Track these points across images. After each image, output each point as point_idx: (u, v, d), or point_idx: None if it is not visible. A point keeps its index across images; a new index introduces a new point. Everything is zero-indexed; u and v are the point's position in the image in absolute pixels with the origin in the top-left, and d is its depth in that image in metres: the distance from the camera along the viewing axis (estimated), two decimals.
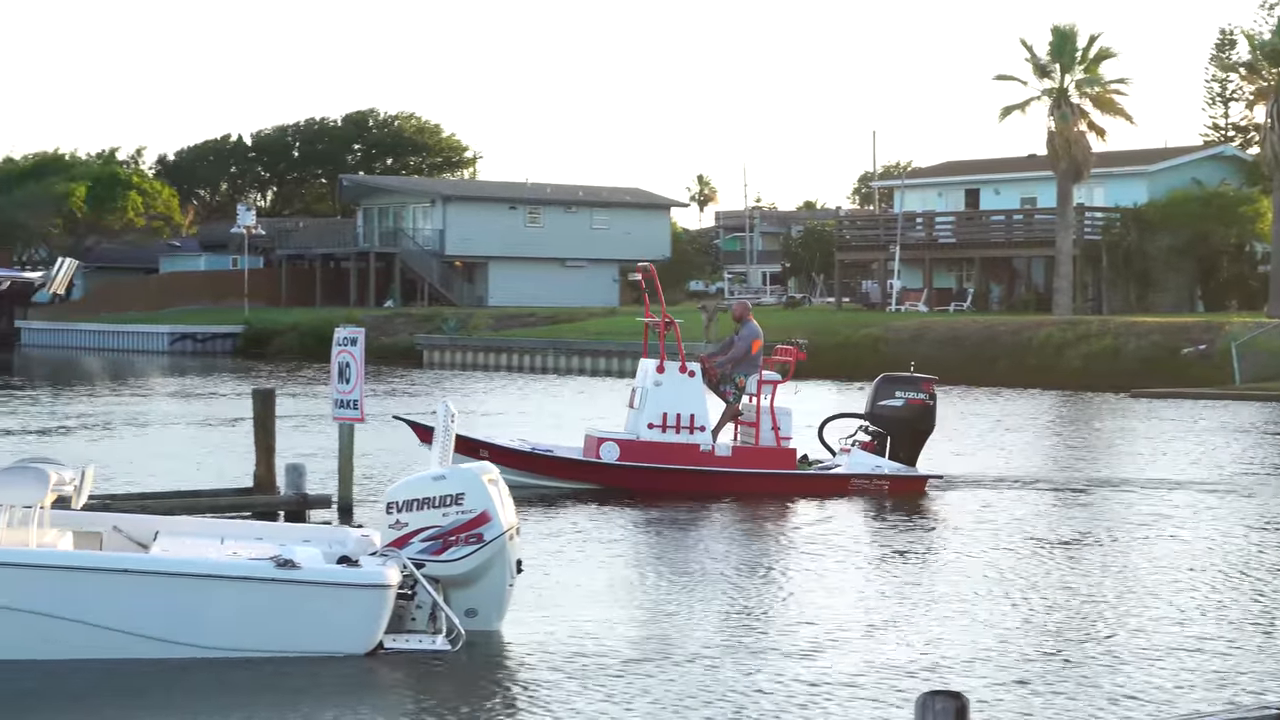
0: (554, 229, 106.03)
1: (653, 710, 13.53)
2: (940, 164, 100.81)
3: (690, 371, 27.44)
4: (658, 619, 17.32)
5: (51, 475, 15.72)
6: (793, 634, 16.50)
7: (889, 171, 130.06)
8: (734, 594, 18.84)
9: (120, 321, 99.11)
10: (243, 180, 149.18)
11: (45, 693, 13.89)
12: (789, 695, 14.01)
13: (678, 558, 21.55)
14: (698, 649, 15.77)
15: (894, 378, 28.95)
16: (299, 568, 15.02)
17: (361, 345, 24.42)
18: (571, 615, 17.31)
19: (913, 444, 28.14)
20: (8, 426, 40.00)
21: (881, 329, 66.10)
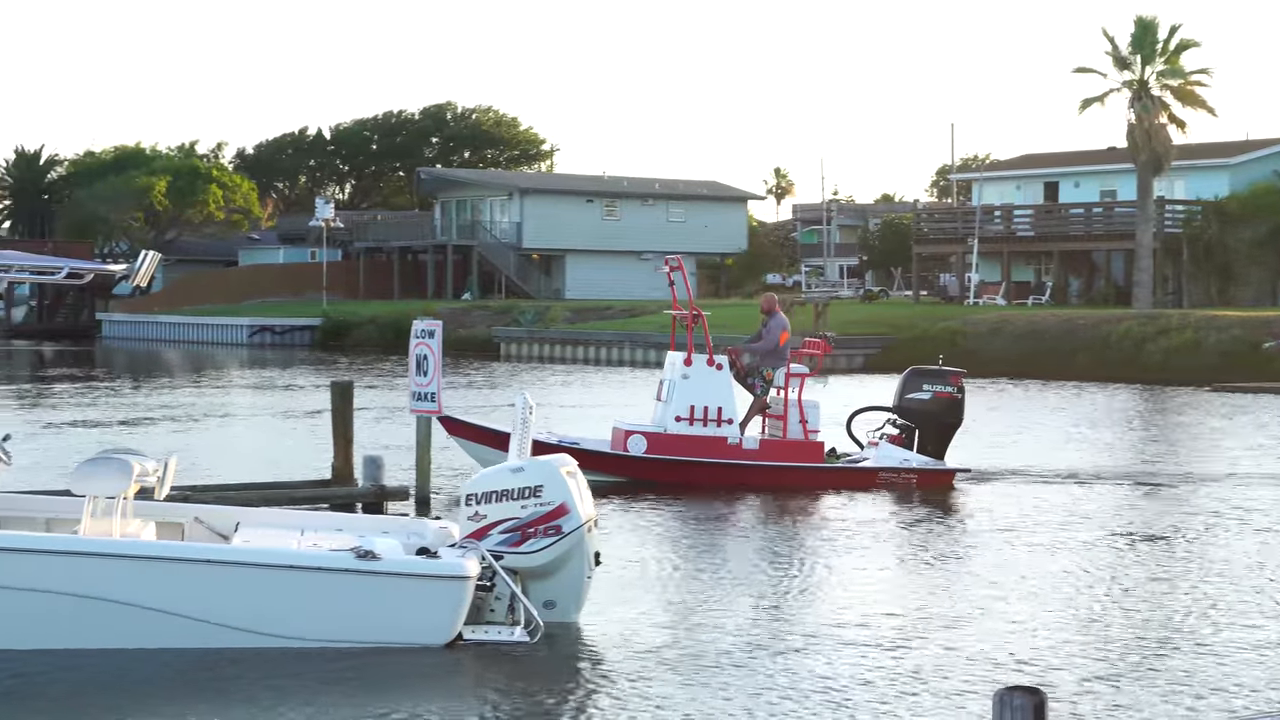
0: (631, 222, 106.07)
1: (730, 702, 13.52)
2: (1019, 157, 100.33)
3: (718, 364, 27.41)
4: (732, 611, 17.29)
5: (135, 466, 15.86)
6: (864, 627, 16.44)
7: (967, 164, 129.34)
8: (803, 588, 18.83)
9: (199, 314, 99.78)
10: (321, 173, 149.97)
11: (127, 681, 14.01)
12: (864, 690, 13.96)
13: (742, 551, 21.49)
14: (772, 641, 15.76)
15: (922, 371, 28.91)
16: (379, 559, 15.07)
17: (439, 338, 24.48)
18: (649, 607, 17.33)
19: (941, 437, 28.07)
20: (90, 418, 40.35)
21: (959, 323, 65.84)
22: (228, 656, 14.61)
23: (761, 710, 13.32)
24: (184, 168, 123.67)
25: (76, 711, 13.23)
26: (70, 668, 14.26)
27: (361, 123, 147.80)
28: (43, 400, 46.57)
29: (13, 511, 16.62)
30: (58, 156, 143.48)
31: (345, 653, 14.78)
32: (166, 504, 17.23)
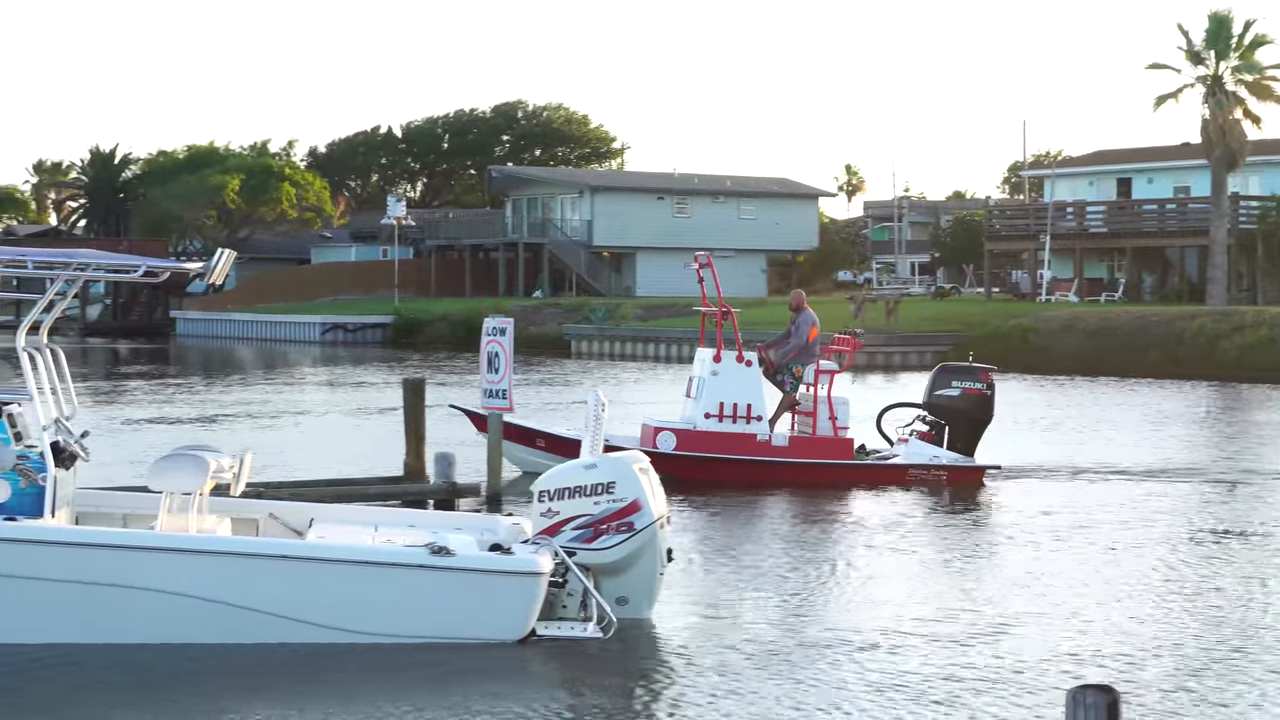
0: (701, 219, 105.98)
1: (801, 700, 13.53)
2: (1092, 153, 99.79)
3: (747, 361, 27.35)
4: (798, 607, 17.31)
5: (211, 463, 16.01)
6: (928, 624, 16.43)
7: (1039, 161, 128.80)
8: (865, 584, 18.86)
9: (272, 312, 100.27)
10: (393, 171, 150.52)
11: (203, 675, 14.12)
12: (933, 687, 13.94)
13: (800, 548, 21.44)
14: (840, 637, 15.75)
15: (952, 367, 28.91)
16: (453, 555, 15.15)
17: (510, 335, 24.57)
18: (721, 603, 17.36)
19: (970, 434, 27.98)
20: (166, 415, 40.66)
21: (1032, 319, 65.51)
22: (302, 652, 14.72)
23: (833, 707, 13.33)
24: (257, 166, 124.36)
25: (151, 705, 13.35)
26: (144, 662, 14.39)
27: (433, 120, 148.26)
28: (119, 397, 46.94)
29: (91, 507, 16.80)
30: (132, 156, 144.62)
31: (419, 648, 14.87)
32: (241, 500, 17.38)
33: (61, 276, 15.66)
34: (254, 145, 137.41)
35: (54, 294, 15.91)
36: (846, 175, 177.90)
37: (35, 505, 15.05)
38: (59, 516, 15.41)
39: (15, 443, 15.17)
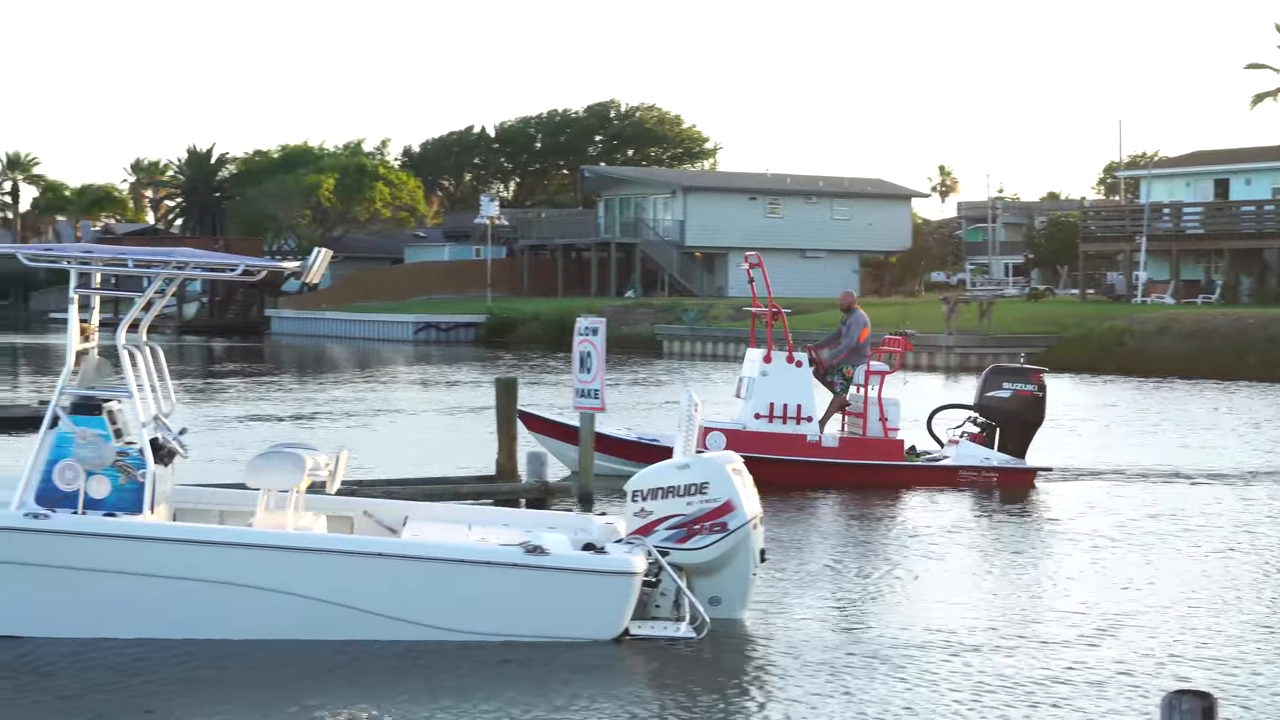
0: (794, 219, 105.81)
1: (893, 701, 13.49)
2: (1188, 154, 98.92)
3: (798, 362, 27.25)
4: (890, 608, 17.27)
5: (308, 461, 16.12)
6: (1016, 626, 16.37)
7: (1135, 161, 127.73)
8: (949, 586, 18.75)
9: (366, 311, 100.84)
10: (486, 171, 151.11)
11: (297, 671, 14.22)
12: (1028, 691, 13.86)
13: (882, 549, 21.36)
14: (930, 639, 15.69)
15: (1003, 369, 28.75)
16: (548, 554, 15.20)
17: (603, 335, 24.57)
18: (813, 604, 17.33)
19: (1021, 436, 27.82)
20: (260, 412, 40.96)
21: (1126, 321, 64.95)
22: (396, 649, 14.80)
23: (926, 710, 13.28)
24: (351, 166, 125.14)
25: (246, 701, 13.45)
26: (240, 658, 14.49)
27: (526, 121, 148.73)
28: (214, 395, 47.33)
29: (188, 504, 16.95)
30: (229, 155, 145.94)
31: (512, 646, 14.92)
32: (336, 498, 17.47)
33: (161, 275, 15.80)
34: (349, 145, 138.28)
35: (153, 292, 16.05)
36: (940, 176, 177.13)
37: (134, 501, 15.19)
38: (157, 513, 15.55)
39: (115, 439, 15.32)
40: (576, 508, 23.31)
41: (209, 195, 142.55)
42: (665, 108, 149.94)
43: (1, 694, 13.44)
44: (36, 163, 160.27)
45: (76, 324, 15.60)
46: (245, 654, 14.58)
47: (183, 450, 16.13)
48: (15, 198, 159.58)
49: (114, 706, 13.12)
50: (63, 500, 15.09)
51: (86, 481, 15.11)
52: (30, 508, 14.96)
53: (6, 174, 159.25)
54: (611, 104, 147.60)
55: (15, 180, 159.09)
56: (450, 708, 13.18)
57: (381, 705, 13.29)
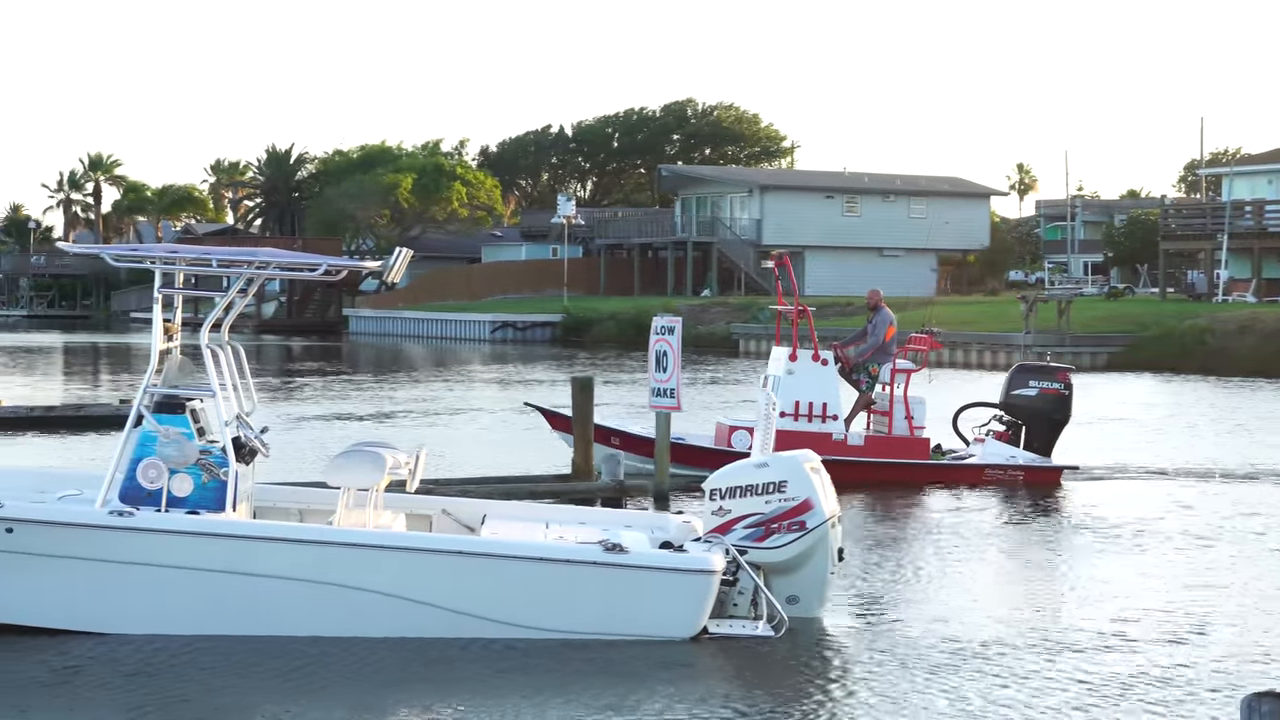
0: (871, 218, 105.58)
1: (972, 701, 13.46)
2: (1272, 150, 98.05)
3: (823, 360, 27.18)
4: (969, 609, 17.20)
5: (388, 459, 16.22)
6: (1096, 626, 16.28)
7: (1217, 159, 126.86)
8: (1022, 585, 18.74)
9: (443, 310, 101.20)
10: (563, 171, 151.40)
11: (378, 668, 14.29)
12: (1104, 693, 13.77)
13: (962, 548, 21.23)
14: (1009, 639, 15.63)
15: (1029, 367, 28.64)
16: (627, 552, 15.24)
17: (679, 334, 24.61)
18: (891, 603, 17.31)
19: (1048, 434, 27.69)
20: (338, 411, 41.18)
21: (1207, 320, 64.43)
22: (477, 646, 14.87)
23: (1004, 710, 13.24)
24: (429, 165, 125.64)
25: (328, 697, 13.54)
26: (319, 655, 14.59)
27: (603, 120, 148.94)
28: (293, 394, 47.62)
29: (268, 502, 17.08)
30: (307, 155, 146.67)
31: (591, 644, 14.97)
32: (414, 496, 17.56)
33: (244, 275, 15.92)
34: (426, 145, 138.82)
35: (236, 292, 16.18)
36: (1018, 174, 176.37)
37: (217, 500, 15.32)
38: (239, 511, 15.67)
39: (198, 438, 15.45)
40: (652, 506, 23.36)
41: (288, 195, 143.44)
42: (743, 106, 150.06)
43: (88, 690, 13.59)
44: (118, 164, 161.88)
45: (160, 323, 15.73)
46: (326, 651, 14.67)
47: (264, 449, 16.24)
48: (97, 198, 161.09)
49: (197, 703, 13.24)
50: (146, 498, 15.23)
51: (169, 480, 15.25)
52: (114, 505, 15.12)
53: (89, 175, 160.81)
54: (689, 103, 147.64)
55: (97, 181, 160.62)
56: (527, 704, 13.24)
57: (456, 702, 13.36)
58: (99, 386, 51.89)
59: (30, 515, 15.04)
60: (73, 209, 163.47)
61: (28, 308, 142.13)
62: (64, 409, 37.30)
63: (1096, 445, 32.06)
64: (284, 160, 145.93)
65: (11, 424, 35.50)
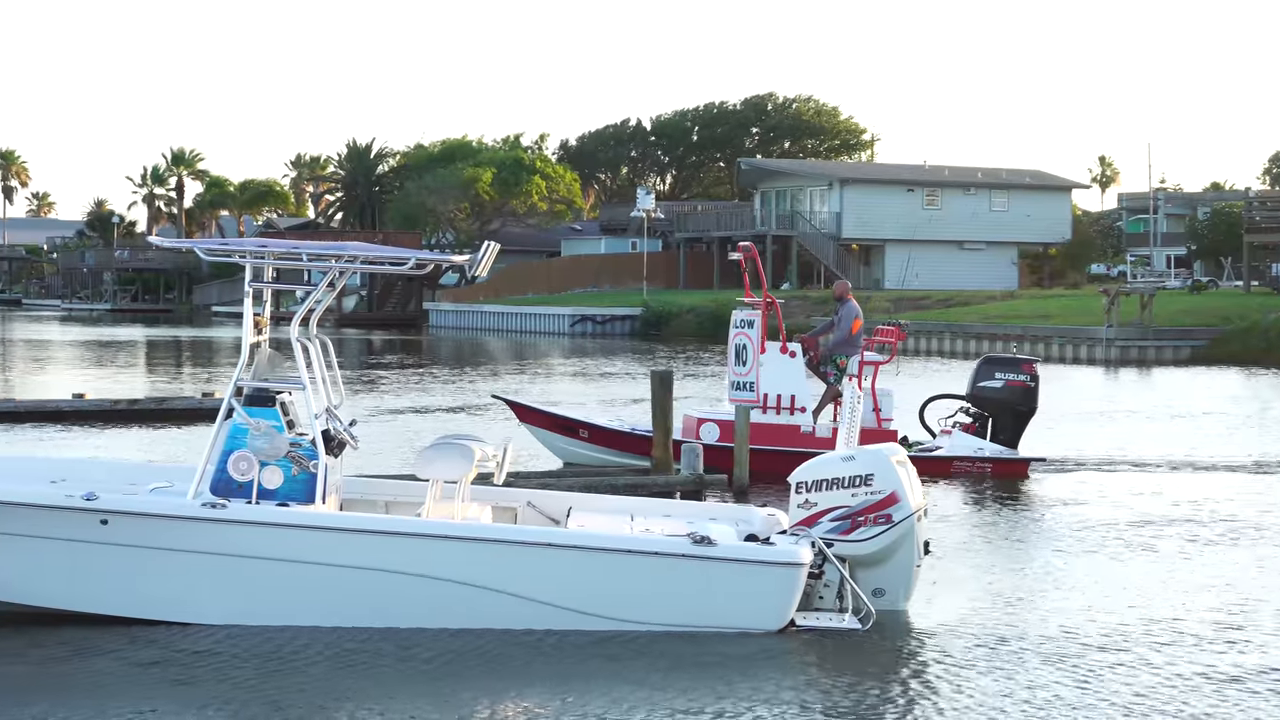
0: (952, 211, 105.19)
1: (1059, 696, 13.42)
2: None
3: (791, 352, 27.02)
4: (1051, 602, 17.11)
5: (476, 452, 16.31)
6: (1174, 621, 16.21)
7: None
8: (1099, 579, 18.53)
9: (522, 303, 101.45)
10: (642, 164, 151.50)
11: (469, 659, 14.38)
12: (1194, 688, 13.73)
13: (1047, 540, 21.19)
14: (1096, 634, 15.57)
15: (995, 359, 28.50)
16: (715, 544, 15.28)
17: (758, 328, 24.59)
18: (977, 596, 17.26)
19: (1014, 426, 27.58)
20: (420, 404, 41.36)
21: None
22: (565, 638, 14.94)
23: (1092, 705, 13.19)
24: (509, 159, 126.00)
25: (416, 688, 13.62)
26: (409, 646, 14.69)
27: (682, 114, 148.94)
28: (374, 387, 47.85)
29: (354, 494, 17.20)
30: (388, 149, 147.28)
31: (679, 636, 15.01)
32: (500, 489, 17.64)
33: (334, 269, 16.05)
34: (506, 139, 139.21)
35: (326, 285, 16.29)
36: (1100, 167, 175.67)
37: (307, 492, 15.45)
38: (328, 503, 15.79)
39: (287, 430, 15.58)
40: (732, 500, 23.35)
41: (368, 189, 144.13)
42: (822, 99, 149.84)
43: (175, 680, 13.72)
44: (201, 158, 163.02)
45: (251, 317, 15.87)
46: (414, 643, 14.76)
47: (353, 441, 16.38)
48: (180, 193, 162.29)
49: (286, 694, 13.34)
50: (236, 490, 15.38)
51: (260, 472, 15.40)
52: (206, 497, 15.27)
53: (171, 170, 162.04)
54: (769, 96, 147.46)
55: (180, 176, 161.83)
56: (615, 695, 13.29)
57: (548, 692, 13.42)
58: (181, 380, 52.28)
59: (125, 507, 15.21)
60: (156, 204, 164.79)
61: (111, 302, 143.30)
62: (147, 402, 37.61)
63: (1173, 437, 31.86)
64: (365, 155, 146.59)
65: (95, 417, 35.88)
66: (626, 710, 12.92)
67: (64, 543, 15.16)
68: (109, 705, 12.90)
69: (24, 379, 51.51)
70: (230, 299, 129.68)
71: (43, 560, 15.22)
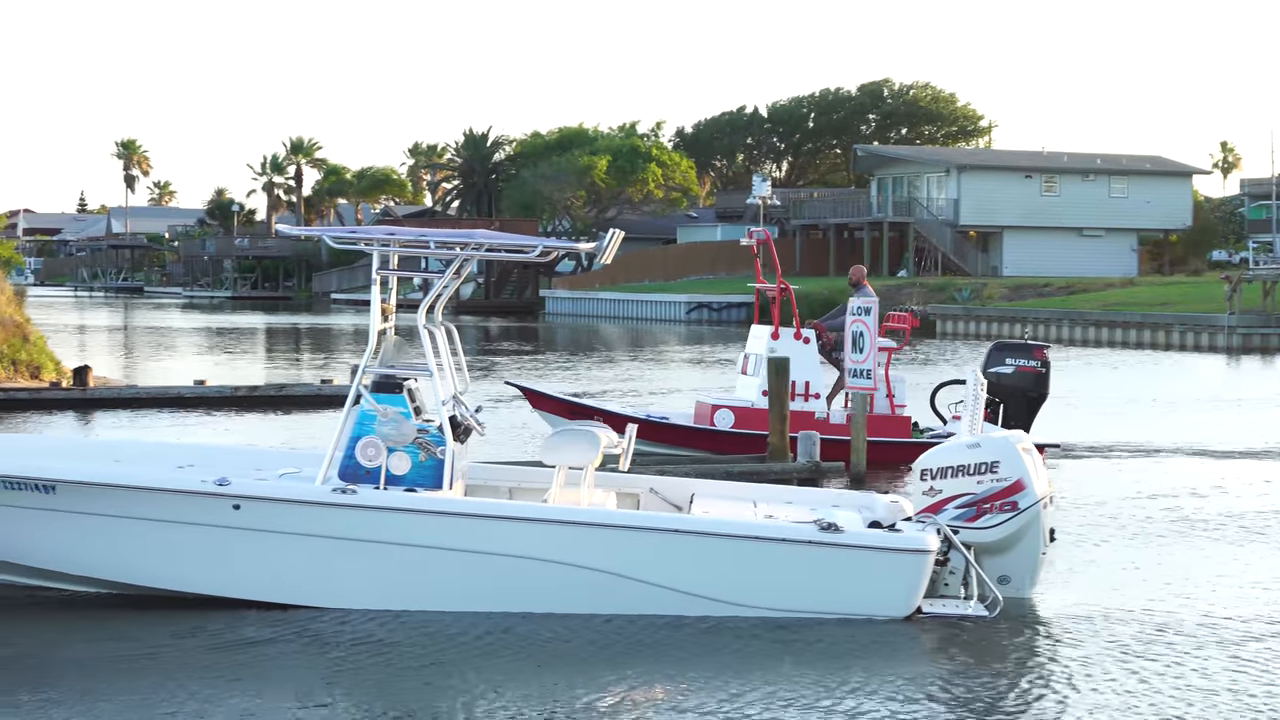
0: (1070, 198, 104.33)
1: (1189, 686, 13.33)
2: None
3: (805, 338, 26.86)
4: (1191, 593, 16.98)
5: (603, 438, 16.38)
6: None
7: None
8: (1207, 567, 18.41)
9: (638, 290, 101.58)
10: (758, 151, 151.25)
11: (594, 644, 14.45)
12: None
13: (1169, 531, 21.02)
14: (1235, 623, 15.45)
15: (1006, 344, 28.23)
16: (843, 531, 15.30)
17: (875, 315, 24.56)
18: (1102, 584, 17.16)
19: (1026, 411, 27.30)
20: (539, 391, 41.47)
21: None
22: (691, 624, 14.99)
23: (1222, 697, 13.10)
24: (625, 147, 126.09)
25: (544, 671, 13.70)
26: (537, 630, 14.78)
27: (798, 100, 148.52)
28: (490, 373, 48.08)
29: (477, 480, 17.32)
30: (505, 137, 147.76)
31: (807, 623, 15.04)
32: (622, 475, 17.71)
33: (460, 256, 16.15)
34: (622, 126, 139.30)
35: (452, 274, 16.40)
36: (1222, 152, 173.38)
37: (434, 478, 15.57)
38: (454, 489, 15.90)
39: (415, 417, 15.71)
40: (849, 487, 23.30)
41: (485, 177, 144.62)
42: (939, 86, 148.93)
43: (306, 663, 13.88)
44: (319, 147, 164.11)
45: (379, 304, 16.01)
46: (539, 627, 14.84)
47: (480, 427, 16.49)
48: (299, 181, 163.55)
49: (409, 677, 13.46)
50: (364, 476, 15.53)
51: (388, 458, 15.54)
52: (335, 483, 15.43)
53: (290, 158, 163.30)
54: (885, 83, 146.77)
55: (299, 164, 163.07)
56: (744, 680, 13.32)
57: (672, 678, 13.45)
58: (300, 366, 52.77)
59: (257, 492, 15.39)
60: (275, 192, 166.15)
61: (232, 289, 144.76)
62: (266, 388, 38.02)
63: None
64: (481, 143, 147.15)
65: (216, 403, 36.36)
66: (758, 695, 12.93)
67: (198, 527, 15.37)
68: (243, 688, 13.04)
69: (146, 366, 52.19)
70: (349, 286, 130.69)
71: (177, 545, 15.43)
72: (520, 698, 12.84)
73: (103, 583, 15.84)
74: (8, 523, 15.60)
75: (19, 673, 13.48)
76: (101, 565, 15.67)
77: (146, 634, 14.67)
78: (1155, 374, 49.87)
